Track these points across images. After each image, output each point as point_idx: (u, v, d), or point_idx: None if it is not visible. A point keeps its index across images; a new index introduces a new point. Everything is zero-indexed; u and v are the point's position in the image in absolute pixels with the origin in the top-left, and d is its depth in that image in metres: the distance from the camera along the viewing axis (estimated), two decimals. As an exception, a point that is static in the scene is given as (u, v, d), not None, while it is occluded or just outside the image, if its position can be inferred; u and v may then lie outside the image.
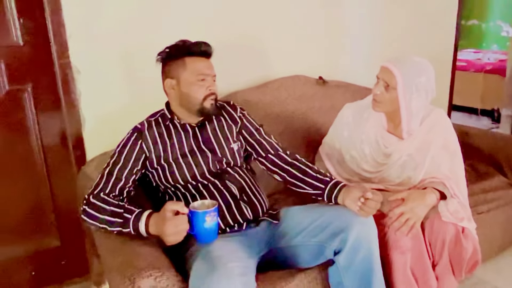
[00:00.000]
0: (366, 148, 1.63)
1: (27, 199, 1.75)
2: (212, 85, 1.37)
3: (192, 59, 1.35)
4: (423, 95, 1.49)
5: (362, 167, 1.64)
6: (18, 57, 1.60)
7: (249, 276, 1.16)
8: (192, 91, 1.34)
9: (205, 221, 1.14)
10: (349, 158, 1.67)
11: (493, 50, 5.68)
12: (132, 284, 1.02)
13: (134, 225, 1.18)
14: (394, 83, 1.46)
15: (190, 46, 1.35)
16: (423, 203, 1.40)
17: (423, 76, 1.47)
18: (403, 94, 1.46)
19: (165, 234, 1.12)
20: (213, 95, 1.37)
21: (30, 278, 1.82)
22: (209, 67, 1.38)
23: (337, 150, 1.72)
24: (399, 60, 1.49)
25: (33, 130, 1.69)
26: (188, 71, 1.34)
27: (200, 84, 1.34)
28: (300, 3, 2.07)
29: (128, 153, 1.34)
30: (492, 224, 1.79)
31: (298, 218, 1.38)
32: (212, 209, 1.15)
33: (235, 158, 1.44)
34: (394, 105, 1.50)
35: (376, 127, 1.63)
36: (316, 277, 1.33)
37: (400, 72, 1.45)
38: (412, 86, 1.46)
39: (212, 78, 1.38)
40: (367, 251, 1.24)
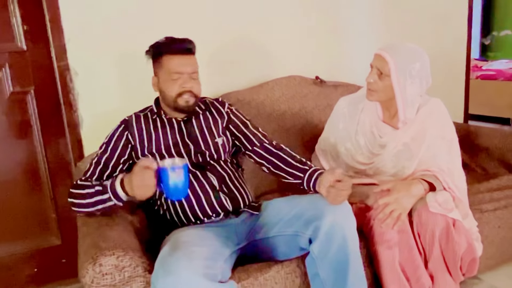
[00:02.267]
0: (361, 139, 1.61)
1: (29, 198, 1.83)
2: (186, 83, 1.36)
3: (168, 57, 1.36)
4: (417, 82, 1.46)
5: (357, 159, 1.61)
6: (21, 62, 1.72)
7: (218, 262, 1.15)
8: (166, 88, 1.37)
9: (170, 177, 1.15)
10: (343, 151, 1.65)
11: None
12: (94, 262, 1.03)
13: (112, 188, 1.20)
14: (387, 70, 1.44)
15: (166, 44, 1.37)
16: (408, 194, 1.35)
17: (417, 63, 1.44)
18: (397, 80, 1.44)
19: (133, 186, 1.15)
20: (187, 92, 1.36)
21: (32, 275, 1.87)
22: (185, 65, 1.36)
23: (332, 145, 1.70)
24: (392, 46, 1.48)
25: (35, 130, 1.79)
26: (163, 69, 1.37)
27: (173, 82, 1.35)
28: (297, 3, 2.10)
29: (115, 143, 1.39)
30: (501, 224, 1.68)
31: (276, 209, 1.37)
32: (178, 166, 1.16)
33: (219, 152, 1.44)
34: (388, 93, 1.48)
35: (371, 117, 1.61)
36: (294, 270, 1.30)
37: (393, 59, 1.43)
38: (405, 73, 1.43)
39: (189, 76, 1.37)
40: (342, 241, 1.20)
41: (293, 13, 2.09)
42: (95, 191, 1.24)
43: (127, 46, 1.60)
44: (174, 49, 1.36)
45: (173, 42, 1.37)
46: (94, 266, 1.03)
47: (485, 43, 6.07)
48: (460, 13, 2.60)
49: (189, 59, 1.38)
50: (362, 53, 2.26)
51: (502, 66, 4.91)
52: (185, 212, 1.35)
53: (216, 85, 1.93)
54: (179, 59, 1.36)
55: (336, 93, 2.00)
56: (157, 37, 1.41)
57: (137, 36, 1.64)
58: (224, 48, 1.97)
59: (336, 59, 2.22)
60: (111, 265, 1.04)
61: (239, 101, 1.84)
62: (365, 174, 1.60)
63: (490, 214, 1.64)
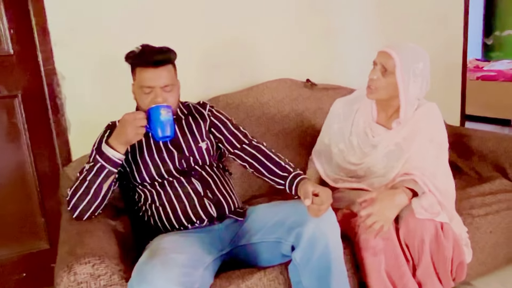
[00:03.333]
0: (355, 139, 1.60)
1: (17, 202, 1.82)
2: (158, 97, 1.29)
3: (139, 70, 1.31)
4: (419, 81, 1.46)
5: (349, 159, 1.60)
6: (8, 65, 1.72)
7: (197, 270, 1.14)
8: (139, 100, 1.34)
9: (161, 113, 1.23)
10: (336, 152, 1.64)
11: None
12: (69, 270, 1.02)
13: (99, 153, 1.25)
14: (392, 67, 1.43)
15: (137, 57, 1.31)
16: (391, 204, 1.33)
17: (420, 62, 1.45)
18: (401, 78, 1.43)
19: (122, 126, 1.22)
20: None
21: (21, 280, 1.87)
22: (155, 79, 1.29)
23: (326, 146, 1.70)
24: (397, 44, 1.49)
25: (23, 135, 1.78)
26: (136, 81, 1.34)
27: (145, 96, 1.30)
28: (289, 7, 2.08)
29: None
30: (492, 229, 1.66)
31: (260, 215, 1.35)
32: (167, 105, 1.26)
33: (204, 157, 1.42)
34: (390, 91, 1.47)
35: (365, 118, 1.60)
36: (277, 276, 1.28)
37: (399, 56, 1.43)
38: (410, 71, 1.44)
39: (160, 90, 1.30)
40: (324, 248, 1.18)
41: (284, 15, 2.08)
42: (86, 171, 1.25)
43: (114, 50, 1.57)
44: (145, 61, 1.29)
45: (144, 54, 1.30)
46: (68, 275, 1.02)
47: (487, 43, 6.02)
48: (456, 15, 2.57)
49: (161, 71, 1.30)
50: (354, 56, 2.25)
51: (503, 67, 4.87)
52: (169, 218, 1.34)
53: (205, 88, 1.92)
54: (151, 72, 1.29)
55: (327, 96, 1.98)
56: (144, 41, 1.38)
57: (124, 40, 1.60)
58: (214, 50, 1.96)
59: (328, 61, 2.20)
60: (86, 274, 1.03)
61: (228, 104, 1.82)
62: (356, 175, 1.59)
63: (481, 219, 1.62)
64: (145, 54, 1.30)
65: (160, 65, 1.30)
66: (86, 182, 1.24)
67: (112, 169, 1.24)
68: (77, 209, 1.26)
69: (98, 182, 1.24)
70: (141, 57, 1.31)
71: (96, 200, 1.26)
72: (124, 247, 1.30)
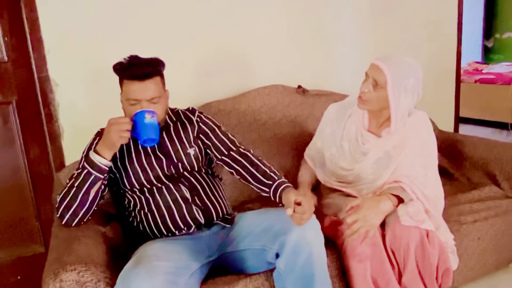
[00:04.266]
0: (346, 144, 1.62)
1: (12, 206, 1.85)
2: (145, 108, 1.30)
3: (125, 82, 1.31)
4: (410, 96, 1.47)
5: (340, 164, 1.62)
6: (2, 72, 1.74)
7: (182, 277, 1.16)
8: (126, 112, 1.34)
9: (146, 117, 1.26)
10: (328, 156, 1.66)
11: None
12: (55, 277, 1.04)
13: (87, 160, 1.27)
14: (383, 82, 1.44)
15: (123, 70, 1.31)
16: (376, 210, 1.34)
17: (412, 77, 1.45)
18: (392, 93, 1.44)
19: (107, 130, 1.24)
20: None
21: (16, 282, 1.90)
22: (141, 91, 1.29)
23: (318, 150, 1.72)
24: (390, 59, 1.48)
25: (17, 140, 1.81)
26: (123, 93, 1.34)
27: (131, 108, 1.31)
28: (280, 12, 2.10)
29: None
30: (480, 236, 1.67)
31: (247, 222, 1.37)
32: (151, 110, 1.29)
33: (192, 163, 1.44)
34: (380, 104, 1.48)
35: (357, 125, 1.62)
36: (263, 283, 1.29)
37: (390, 72, 1.43)
38: (401, 87, 1.44)
39: (147, 102, 1.30)
40: (307, 257, 1.20)
41: (276, 22, 2.10)
42: (74, 177, 1.27)
43: (106, 58, 1.58)
44: (131, 75, 1.29)
45: (130, 68, 1.30)
46: (54, 282, 1.04)
47: (487, 45, 6.02)
48: (450, 20, 2.58)
49: (148, 84, 1.30)
50: (347, 62, 2.26)
51: (502, 70, 4.86)
52: (157, 224, 1.35)
53: (197, 94, 1.94)
54: (137, 85, 1.29)
55: (319, 102, 1.99)
56: (137, 49, 1.40)
57: (115, 48, 1.64)
58: (206, 57, 1.98)
59: (320, 68, 2.22)
60: (71, 281, 1.05)
61: (220, 110, 1.84)
62: (346, 180, 1.61)
63: (470, 226, 1.63)
64: (131, 68, 1.30)
65: (146, 78, 1.29)
66: (73, 188, 1.26)
67: (99, 175, 1.26)
68: (65, 216, 1.28)
69: (85, 189, 1.26)
70: (127, 70, 1.30)
71: (84, 207, 1.28)
72: (114, 253, 1.32)
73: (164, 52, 1.42)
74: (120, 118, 1.25)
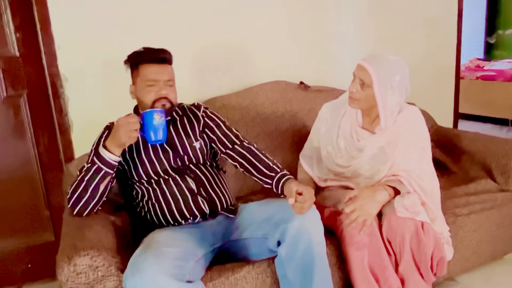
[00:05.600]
0: (342, 142, 1.67)
1: (23, 196, 1.92)
2: (162, 90, 1.40)
3: (144, 66, 1.42)
4: (397, 92, 1.52)
5: (337, 162, 1.67)
6: (15, 67, 1.80)
7: (188, 262, 1.22)
8: (143, 95, 1.42)
9: (155, 118, 1.30)
10: (325, 154, 1.71)
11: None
12: (69, 261, 1.11)
13: (97, 155, 1.31)
14: (370, 81, 1.49)
15: (142, 54, 1.43)
16: (373, 200, 1.40)
17: (397, 75, 1.50)
18: (378, 91, 1.49)
19: (116, 129, 1.28)
20: (163, 99, 1.41)
21: (26, 270, 1.97)
22: (160, 73, 1.41)
23: (315, 149, 1.76)
24: (374, 58, 1.53)
25: (28, 133, 1.87)
26: (140, 77, 1.42)
27: (148, 90, 1.40)
28: (284, 10, 2.15)
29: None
30: (476, 228, 1.72)
31: (250, 212, 1.43)
32: (160, 110, 1.33)
33: (197, 156, 1.50)
34: (369, 102, 1.53)
35: (351, 122, 1.67)
36: (265, 270, 1.35)
37: (375, 71, 1.48)
38: (387, 84, 1.49)
39: (164, 83, 1.42)
40: (307, 244, 1.26)
41: (279, 19, 2.14)
42: (85, 171, 1.32)
43: (113, 53, 1.65)
44: (150, 58, 1.42)
45: (149, 52, 1.43)
46: (69, 266, 1.10)
47: (490, 41, 6.03)
48: (450, 18, 2.62)
49: (164, 67, 1.44)
50: (347, 59, 2.31)
51: (504, 67, 4.88)
52: (164, 214, 1.41)
53: (201, 90, 2.00)
54: (155, 67, 1.42)
55: (320, 97, 2.04)
56: (142, 44, 1.47)
57: (123, 44, 1.69)
58: (210, 53, 2.03)
59: (321, 64, 2.27)
60: (85, 265, 1.11)
61: (224, 105, 1.90)
62: (343, 177, 1.66)
63: (465, 218, 1.68)
64: (149, 52, 1.43)
65: (164, 62, 1.44)
66: (84, 182, 1.31)
67: (109, 170, 1.31)
68: (76, 207, 1.33)
69: (95, 183, 1.31)
70: (146, 55, 1.43)
71: (94, 199, 1.33)
72: (122, 240, 1.38)
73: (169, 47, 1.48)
74: (129, 118, 1.29)
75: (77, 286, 1.11)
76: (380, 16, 2.39)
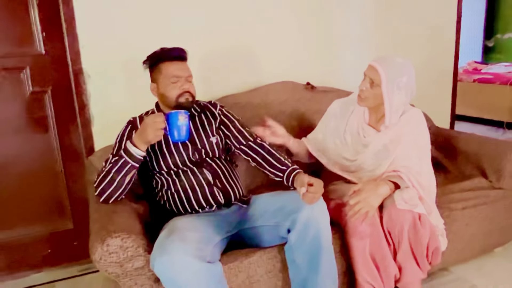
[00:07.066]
0: (349, 137, 1.79)
1: (46, 186, 2.04)
2: (185, 84, 1.54)
3: (166, 64, 1.54)
4: (403, 93, 1.64)
5: (343, 155, 1.79)
6: (40, 64, 1.92)
7: (208, 246, 1.34)
8: (167, 91, 1.54)
9: (179, 118, 1.41)
10: (333, 146, 1.83)
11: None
12: (102, 242, 1.22)
13: (125, 150, 1.42)
14: (379, 81, 1.61)
15: (164, 53, 1.54)
16: (375, 193, 1.52)
17: (404, 76, 1.62)
18: (386, 90, 1.61)
19: (143, 127, 1.38)
20: (186, 93, 1.53)
21: (46, 255, 2.09)
22: (181, 69, 1.54)
23: (320, 141, 1.87)
24: (384, 60, 1.65)
25: (52, 126, 1.99)
26: (163, 74, 1.54)
27: (173, 85, 1.53)
28: (292, 15, 2.27)
29: (125, 142, 1.55)
30: (468, 222, 1.84)
31: (262, 203, 1.55)
32: (184, 111, 1.44)
33: (214, 150, 1.62)
34: (377, 100, 1.65)
35: (358, 120, 1.79)
36: (275, 255, 1.48)
37: (385, 71, 1.60)
38: (394, 84, 1.61)
39: (185, 79, 1.54)
40: (316, 232, 1.38)
41: (287, 22, 2.26)
42: (112, 163, 1.42)
43: (134, 52, 1.77)
44: (171, 56, 1.54)
45: (169, 51, 1.55)
46: (102, 246, 1.22)
47: (488, 45, 6.15)
48: (449, 24, 2.73)
49: (184, 64, 1.57)
50: (352, 61, 2.43)
51: (501, 70, 5.01)
52: (183, 203, 1.54)
53: (214, 89, 2.11)
54: (176, 64, 1.54)
55: (326, 98, 2.15)
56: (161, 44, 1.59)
57: (143, 44, 1.81)
58: (222, 54, 2.15)
59: (327, 66, 2.39)
60: (116, 245, 1.23)
61: (235, 104, 2.01)
62: (348, 170, 1.78)
63: (458, 213, 1.80)
64: (171, 51, 1.55)
65: (183, 60, 1.57)
66: (111, 173, 1.42)
67: (135, 164, 1.43)
68: (103, 195, 1.44)
69: (122, 175, 1.42)
70: (168, 53, 1.55)
71: (120, 189, 1.45)
72: (144, 225, 1.50)
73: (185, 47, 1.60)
74: (156, 118, 1.38)
75: (109, 264, 1.23)
76: (384, 22, 2.50)
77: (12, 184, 1.98)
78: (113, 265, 1.24)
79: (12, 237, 2.02)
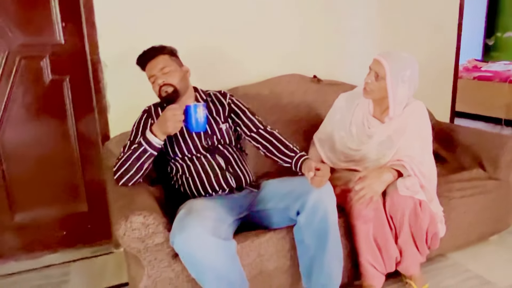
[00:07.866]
0: (354, 128, 1.89)
1: (62, 170, 2.12)
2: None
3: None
4: (407, 86, 1.73)
5: (349, 145, 1.89)
6: (60, 53, 2.00)
7: (223, 225, 1.43)
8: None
9: (198, 111, 1.50)
10: (338, 138, 1.92)
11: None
12: (126, 219, 1.31)
13: (144, 138, 1.50)
14: (383, 74, 1.70)
15: (139, 61, 1.65)
16: (379, 180, 1.61)
17: (408, 70, 1.71)
18: (390, 83, 1.70)
19: (163, 119, 1.46)
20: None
21: (62, 237, 2.18)
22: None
23: (328, 133, 1.97)
24: (389, 54, 1.74)
25: (69, 113, 2.07)
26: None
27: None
28: (298, 10, 2.34)
29: (143, 127, 1.66)
30: (466, 210, 1.94)
31: (272, 187, 1.64)
32: (202, 104, 1.53)
33: (224, 137, 1.70)
34: (382, 93, 1.74)
35: (363, 111, 1.88)
36: (284, 236, 1.57)
37: (389, 65, 1.69)
38: (398, 78, 1.70)
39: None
40: (323, 214, 1.47)
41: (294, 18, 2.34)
42: (132, 150, 1.51)
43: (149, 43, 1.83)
44: (144, 60, 1.64)
45: (141, 57, 1.65)
46: (126, 222, 1.31)
47: (488, 43, 6.23)
48: (451, 22, 2.82)
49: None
50: (357, 55, 2.52)
51: (500, 68, 5.09)
52: (197, 187, 1.63)
53: (225, 80, 2.19)
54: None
55: (331, 90, 2.25)
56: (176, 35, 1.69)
57: (157, 35, 1.89)
58: (233, 47, 2.23)
59: (333, 60, 2.47)
60: (139, 222, 1.32)
61: (246, 94, 2.09)
62: (353, 159, 1.88)
63: (457, 201, 1.90)
64: (142, 56, 1.65)
65: (153, 58, 1.62)
66: (130, 160, 1.50)
67: (154, 152, 1.51)
68: (122, 179, 1.53)
69: (141, 162, 1.51)
70: (141, 59, 1.65)
71: (138, 174, 1.53)
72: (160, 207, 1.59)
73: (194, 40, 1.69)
74: (175, 110, 1.46)
75: (132, 239, 1.32)
76: (388, 19, 2.58)
77: (31, 168, 2.06)
78: (135, 240, 1.33)
79: (29, 219, 2.11)
